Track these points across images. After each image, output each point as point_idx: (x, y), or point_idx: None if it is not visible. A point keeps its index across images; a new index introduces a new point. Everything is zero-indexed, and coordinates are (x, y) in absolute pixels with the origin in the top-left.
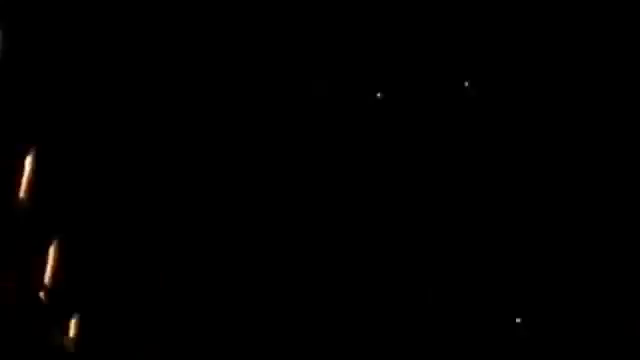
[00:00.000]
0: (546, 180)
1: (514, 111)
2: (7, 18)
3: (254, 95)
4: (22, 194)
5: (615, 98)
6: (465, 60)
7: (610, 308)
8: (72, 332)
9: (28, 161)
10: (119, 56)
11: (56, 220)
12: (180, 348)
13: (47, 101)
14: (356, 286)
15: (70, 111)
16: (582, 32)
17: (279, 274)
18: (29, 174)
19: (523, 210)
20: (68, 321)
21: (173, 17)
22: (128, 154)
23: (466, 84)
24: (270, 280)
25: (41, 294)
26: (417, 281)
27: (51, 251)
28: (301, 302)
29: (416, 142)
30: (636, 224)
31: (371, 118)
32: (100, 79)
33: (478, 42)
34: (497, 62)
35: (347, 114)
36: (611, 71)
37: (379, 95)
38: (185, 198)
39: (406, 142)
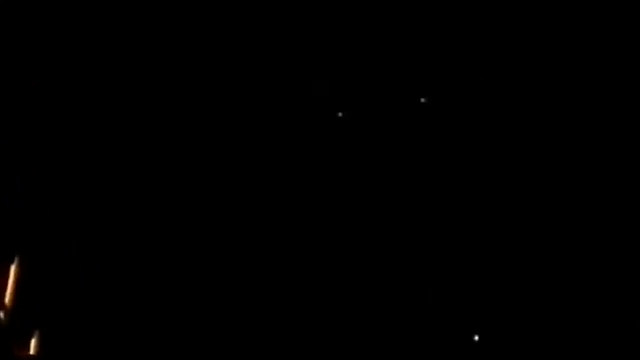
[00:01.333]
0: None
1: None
2: None
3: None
4: None
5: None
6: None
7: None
8: (33, 350)
9: None
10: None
11: (16, 238)
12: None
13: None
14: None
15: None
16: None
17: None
18: None
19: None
20: (29, 340)
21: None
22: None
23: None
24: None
25: (0, 314)
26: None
27: (12, 270)
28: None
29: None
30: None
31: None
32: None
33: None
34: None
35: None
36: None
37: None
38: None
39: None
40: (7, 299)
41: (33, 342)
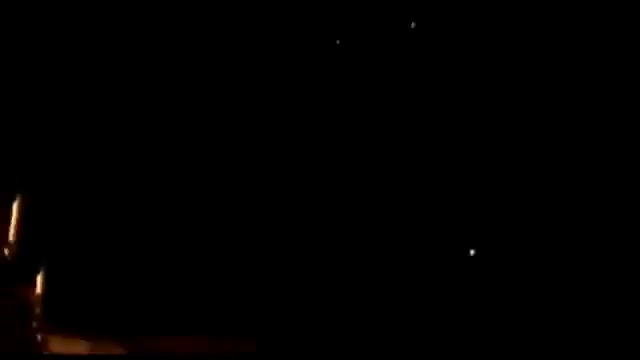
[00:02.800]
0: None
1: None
2: None
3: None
4: None
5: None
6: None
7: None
8: (38, 288)
9: None
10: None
11: (19, 174)
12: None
13: None
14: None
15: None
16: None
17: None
18: None
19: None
20: (34, 277)
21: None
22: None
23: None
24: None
25: (5, 251)
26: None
27: (15, 207)
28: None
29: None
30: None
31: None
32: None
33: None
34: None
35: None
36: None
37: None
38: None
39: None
40: (11, 236)
41: (39, 279)
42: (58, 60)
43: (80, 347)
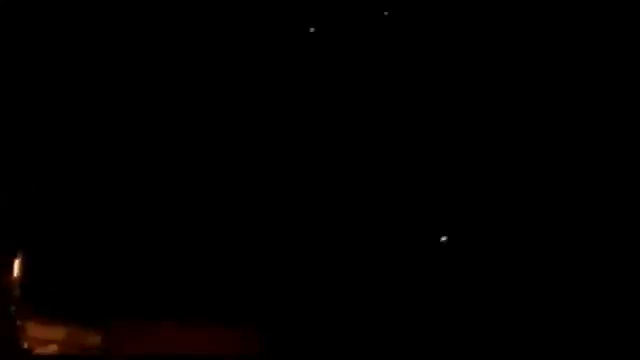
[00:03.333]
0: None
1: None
2: None
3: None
4: None
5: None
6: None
7: None
8: (16, 272)
9: None
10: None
11: None
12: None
13: None
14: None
15: None
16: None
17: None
18: None
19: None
20: (12, 261)
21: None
22: None
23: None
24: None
25: None
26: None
27: None
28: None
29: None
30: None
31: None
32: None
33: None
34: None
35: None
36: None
37: None
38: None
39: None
40: None
41: (16, 263)
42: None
43: (58, 333)
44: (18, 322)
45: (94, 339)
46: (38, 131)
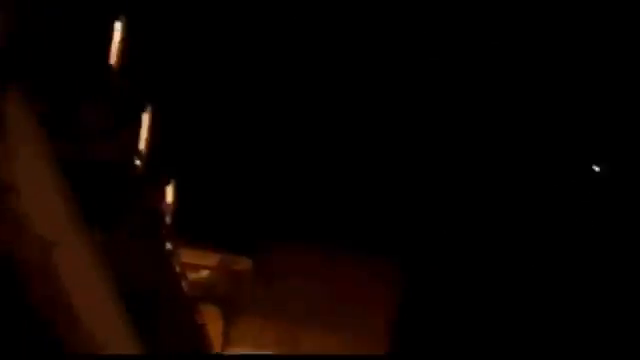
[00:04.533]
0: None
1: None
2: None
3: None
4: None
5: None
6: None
7: None
8: (169, 199)
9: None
10: None
11: (149, 87)
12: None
13: None
14: None
15: None
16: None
17: None
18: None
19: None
20: (165, 187)
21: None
22: None
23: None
24: None
25: (137, 161)
26: None
27: (145, 118)
28: None
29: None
30: None
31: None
32: None
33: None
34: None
35: None
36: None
37: None
38: None
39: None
40: (142, 145)
41: (169, 190)
42: None
43: (209, 259)
44: (171, 247)
45: (244, 264)
46: None
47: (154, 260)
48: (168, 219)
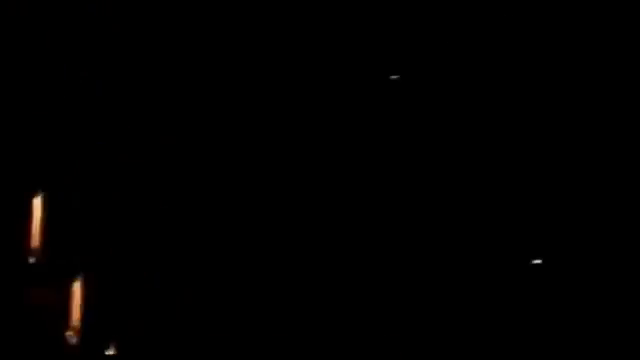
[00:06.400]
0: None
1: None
2: None
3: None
4: None
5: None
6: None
7: None
8: (75, 295)
9: None
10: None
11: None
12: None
13: None
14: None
15: None
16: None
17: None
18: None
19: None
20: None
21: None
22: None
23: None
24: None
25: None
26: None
27: (35, 206)
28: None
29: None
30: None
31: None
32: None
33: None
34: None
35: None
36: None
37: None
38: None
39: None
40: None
41: (75, 285)
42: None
43: None
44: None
45: None
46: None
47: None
48: (76, 321)
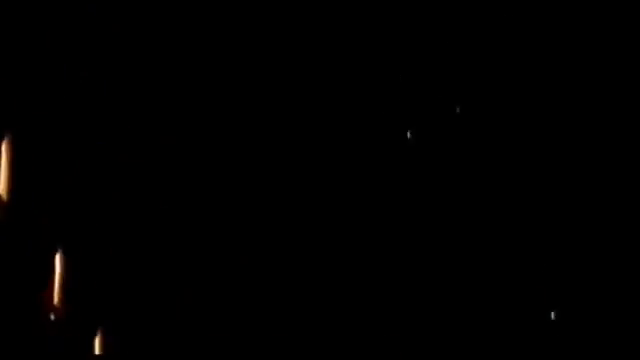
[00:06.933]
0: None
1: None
2: None
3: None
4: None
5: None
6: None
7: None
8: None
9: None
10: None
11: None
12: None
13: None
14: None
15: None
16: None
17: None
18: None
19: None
20: (91, 339)
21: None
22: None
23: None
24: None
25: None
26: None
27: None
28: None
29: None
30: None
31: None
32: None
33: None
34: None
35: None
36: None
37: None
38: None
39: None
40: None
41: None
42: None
43: None
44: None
45: None
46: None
47: None
48: None
